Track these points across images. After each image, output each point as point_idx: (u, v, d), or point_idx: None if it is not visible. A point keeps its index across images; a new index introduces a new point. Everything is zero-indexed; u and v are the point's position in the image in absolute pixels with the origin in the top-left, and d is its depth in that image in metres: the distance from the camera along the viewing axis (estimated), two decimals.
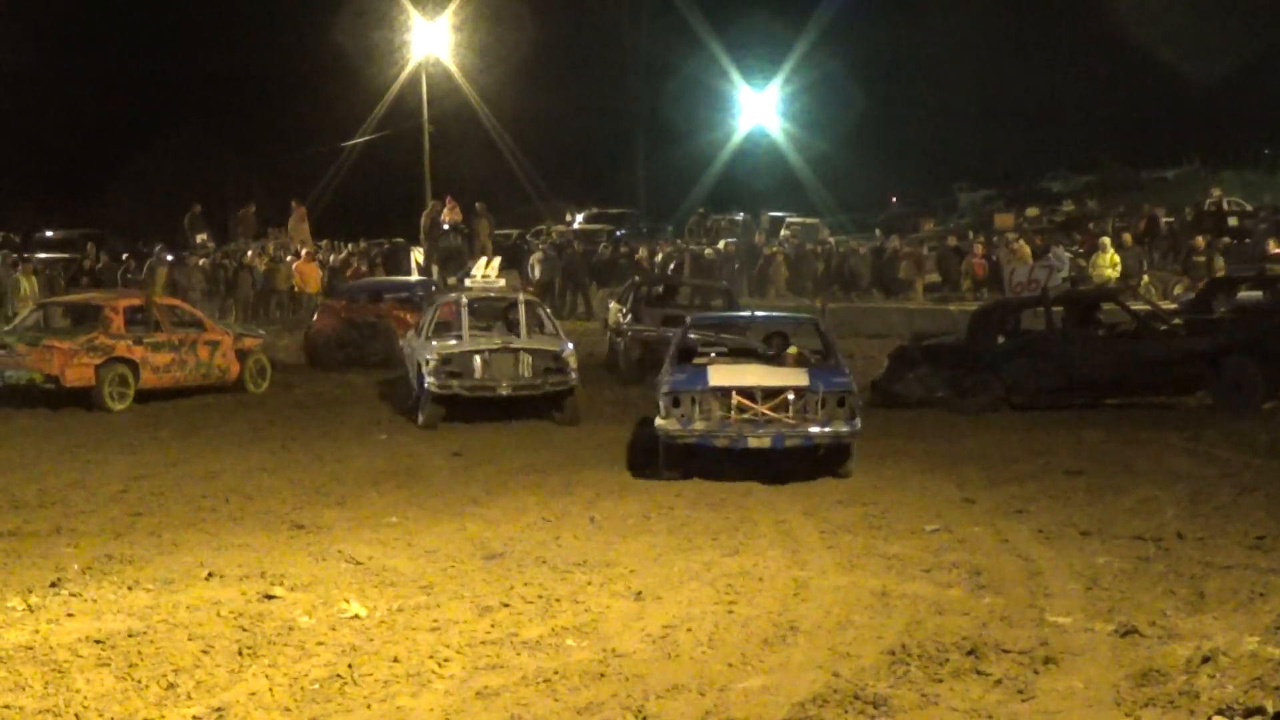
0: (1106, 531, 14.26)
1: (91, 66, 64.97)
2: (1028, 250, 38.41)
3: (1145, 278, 36.07)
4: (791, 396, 17.47)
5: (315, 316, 33.35)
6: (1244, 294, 26.77)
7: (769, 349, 20.20)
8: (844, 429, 17.34)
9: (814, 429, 17.31)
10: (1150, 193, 56.30)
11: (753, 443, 17.34)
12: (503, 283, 25.84)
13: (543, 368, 22.83)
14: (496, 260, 25.50)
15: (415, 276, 42.72)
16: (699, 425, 17.48)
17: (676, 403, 17.68)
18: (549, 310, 25.86)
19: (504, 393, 22.63)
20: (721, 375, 18.04)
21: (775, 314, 24.72)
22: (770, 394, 17.55)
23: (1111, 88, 63.88)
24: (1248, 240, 39.21)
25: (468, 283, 24.84)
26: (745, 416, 17.46)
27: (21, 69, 60.99)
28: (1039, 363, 23.19)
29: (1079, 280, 34.43)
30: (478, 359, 22.76)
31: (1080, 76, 64.89)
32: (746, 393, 17.56)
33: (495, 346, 23.07)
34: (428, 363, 22.53)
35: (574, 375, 22.96)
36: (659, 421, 17.70)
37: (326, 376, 29.70)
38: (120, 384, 25.06)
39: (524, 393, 22.76)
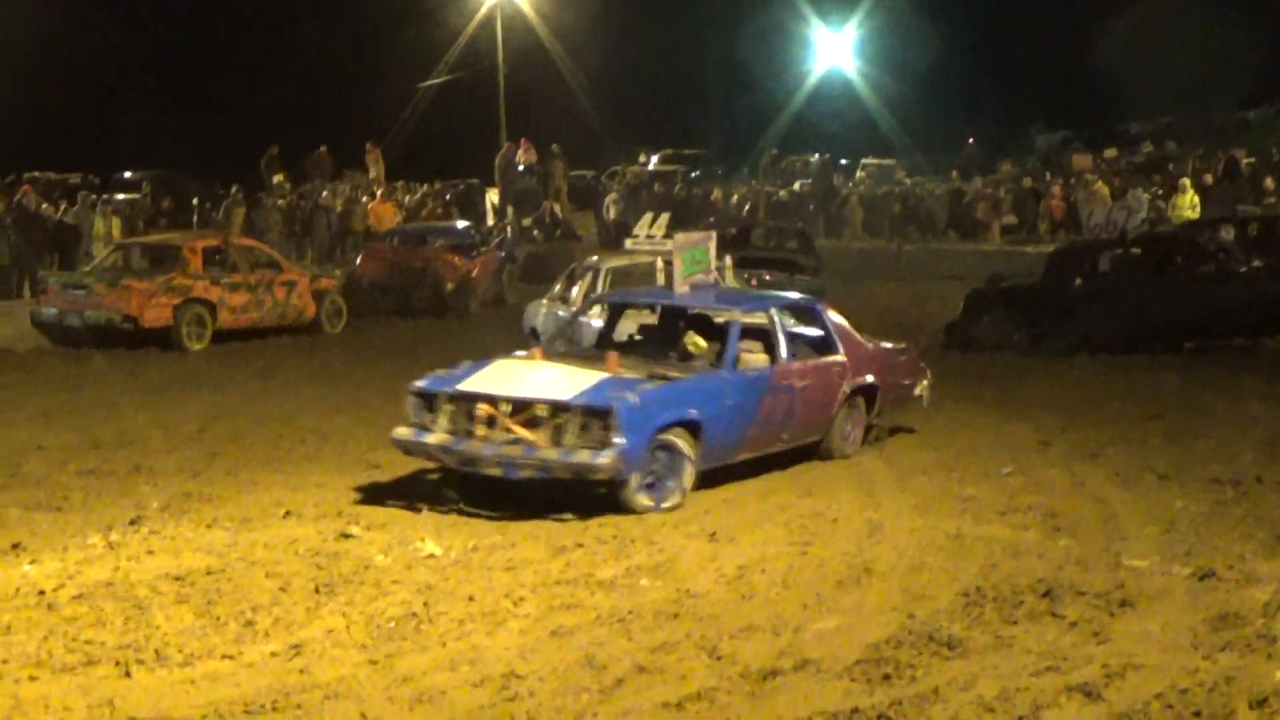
0: (1184, 475, 14.18)
1: (171, 8, 65.29)
2: (1106, 192, 38.10)
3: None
4: (543, 412, 13.41)
5: (358, 260, 32.63)
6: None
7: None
8: (588, 461, 12.95)
9: (554, 457, 13.12)
10: (1230, 134, 55.69)
11: (483, 469, 13.56)
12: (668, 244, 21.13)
13: None
14: (665, 217, 19.83)
15: (490, 219, 42.76)
16: (433, 438, 13.84)
17: (430, 406, 14.11)
18: (735, 278, 20.42)
19: None
20: (481, 378, 14.12)
21: (707, 298, 16.29)
22: (520, 407, 13.52)
23: (1189, 29, 63.12)
24: None
25: (629, 243, 19.36)
26: (486, 434, 13.58)
27: (100, 11, 61.32)
28: (1116, 306, 22.97)
29: (1158, 222, 34.15)
30: None
31: (1158, 17, 64.15)
32: (491, 402, 13.68)
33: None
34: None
35: None
36: (396, 429, 14.37)
37: (402, 318, 29.55)
38: (198, 324, 25.23)
39: None
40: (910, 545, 11.74)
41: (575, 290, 20.52)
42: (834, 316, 16.15)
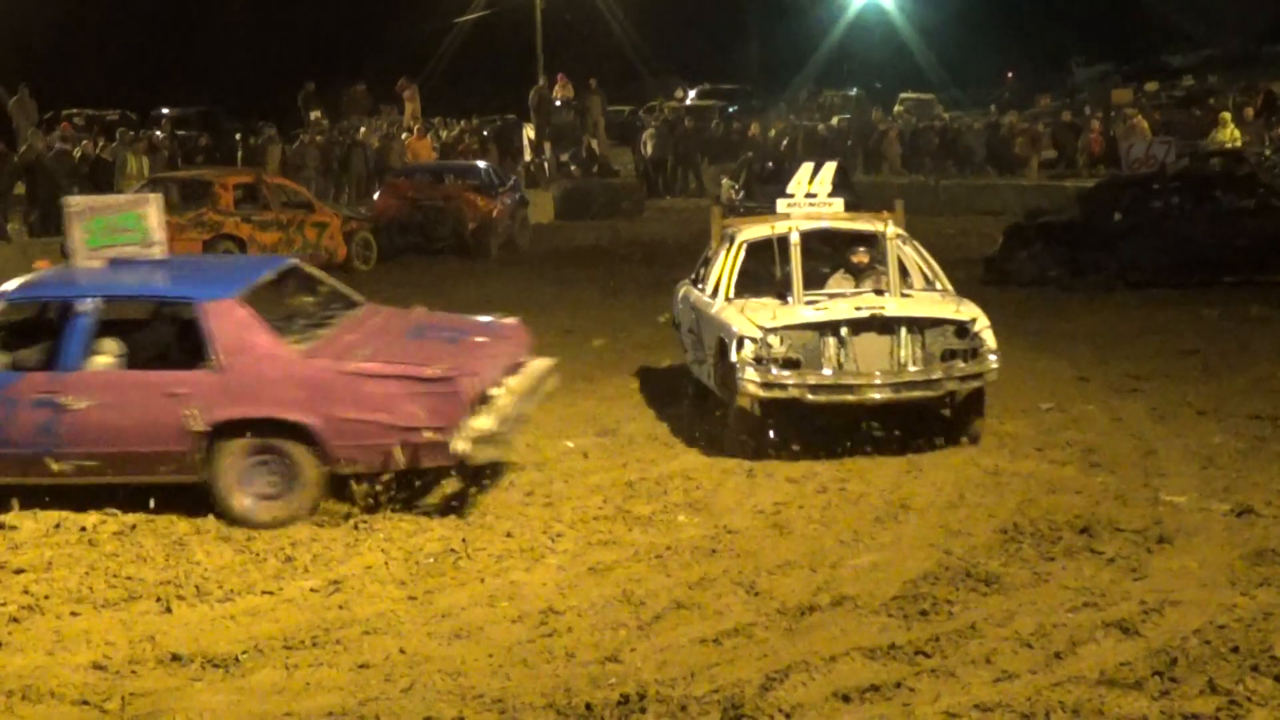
0: (1222, 410, 14.12)
1: None
2: (1145, 126, 37.87)
3: (1267, 153, 35.46)
4: None
5: (376, 197, 31.80)
6: None
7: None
8: None
9: None
10: (1274, 67, 55.23)
11: None
12: (839, 204, 15.01)
13: (939, 349, 13.02)
14: (829, 167, 15.05)
15: (528, 154, 42.62)
16: None
17: None
18: (921, 247, 14.73)
19: (876, 396, 12.90)
20: None
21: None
22: None
23: None
24: None
25: (781, 204, 14.79)
26: None
27: None
28: (1155, 240, 22.83)
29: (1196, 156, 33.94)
30: (830, 339, 12.91)
31: None
32: None
33: (856, 315, 13.01)
34: (739, 344, 12.78)
35: (994, 359, 12.99)
36: None
37: (435, 258, 29.17)
38: None
39: (910, 395, 12.96)
40: (948, 481, 11.74)
41: (713, 268, 14.49)
42: (232, 316, 11.49)
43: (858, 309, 12.99)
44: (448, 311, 14.58)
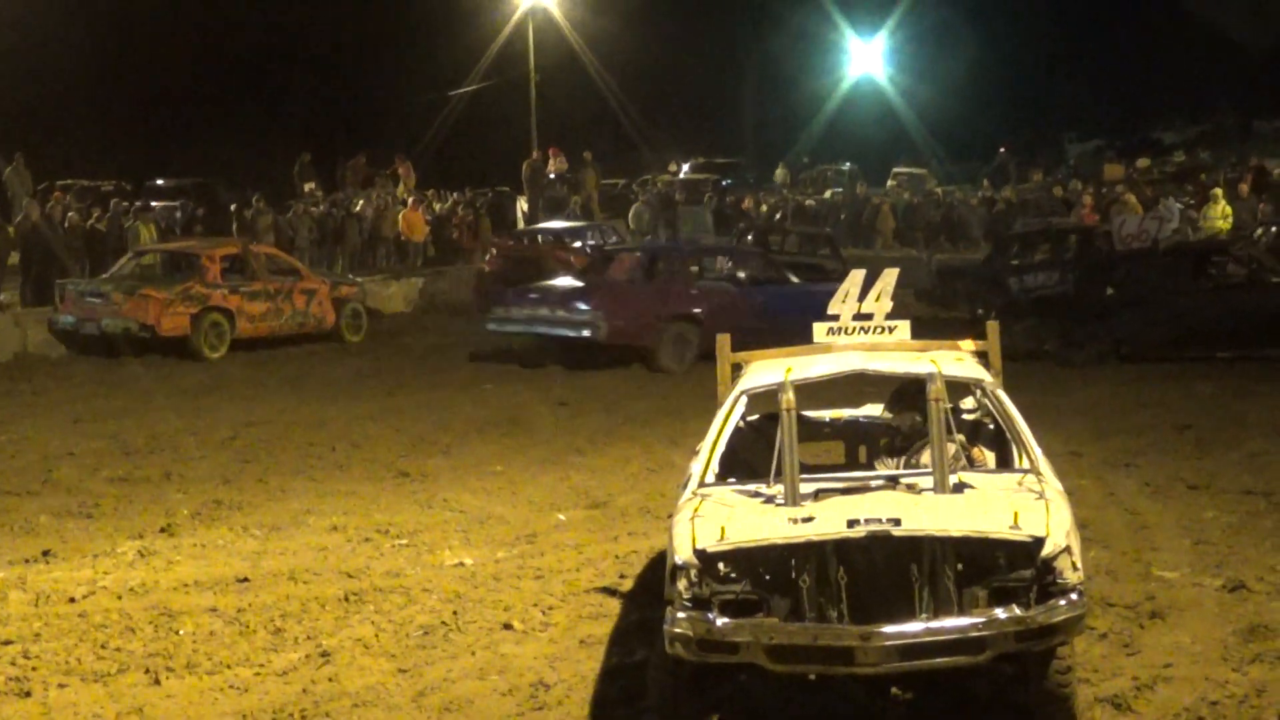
0: (1215, 485, 14.11)
1: (204, 14, 65.42)
2: (1135, 201, 37.98)
3: (1259, 229, 35.57)
4: None
5: (486, 257, 33.97)
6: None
7: None
8: None
9: None
10: (1267, 142, 55.51)
11: None
12: (903, 329, 10.21)
13: (988, 585, 7.80)
14: (889, 276, 10.19)
15: (521, 227, 42.87)
16: None
17: None
18: (1005, 399, 10.50)
19: (873, 666, 7.63)
20: None
21: None
22: None
23: (1223, 34, 62.91)
24: None
25: (819, 331, 10.35)
26: None
27: (135, 16, 61.43)
28: (1149, 315, 22.86)
29: (1189, 232, 34.04)
30: (812, 569, 7.80)
31: (1191, 24, 64.00)
32: None
33: (848, 532, 7.81)
34: (672, 574, 7.98)
35: (1073, 603, 7.61)
36: None
37: (433, 326, 29.58)
38: (215, 333, 25.10)
39: (932, 663, 7.66)
40: None
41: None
42: None
43: (852, 521, 7.88)
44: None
